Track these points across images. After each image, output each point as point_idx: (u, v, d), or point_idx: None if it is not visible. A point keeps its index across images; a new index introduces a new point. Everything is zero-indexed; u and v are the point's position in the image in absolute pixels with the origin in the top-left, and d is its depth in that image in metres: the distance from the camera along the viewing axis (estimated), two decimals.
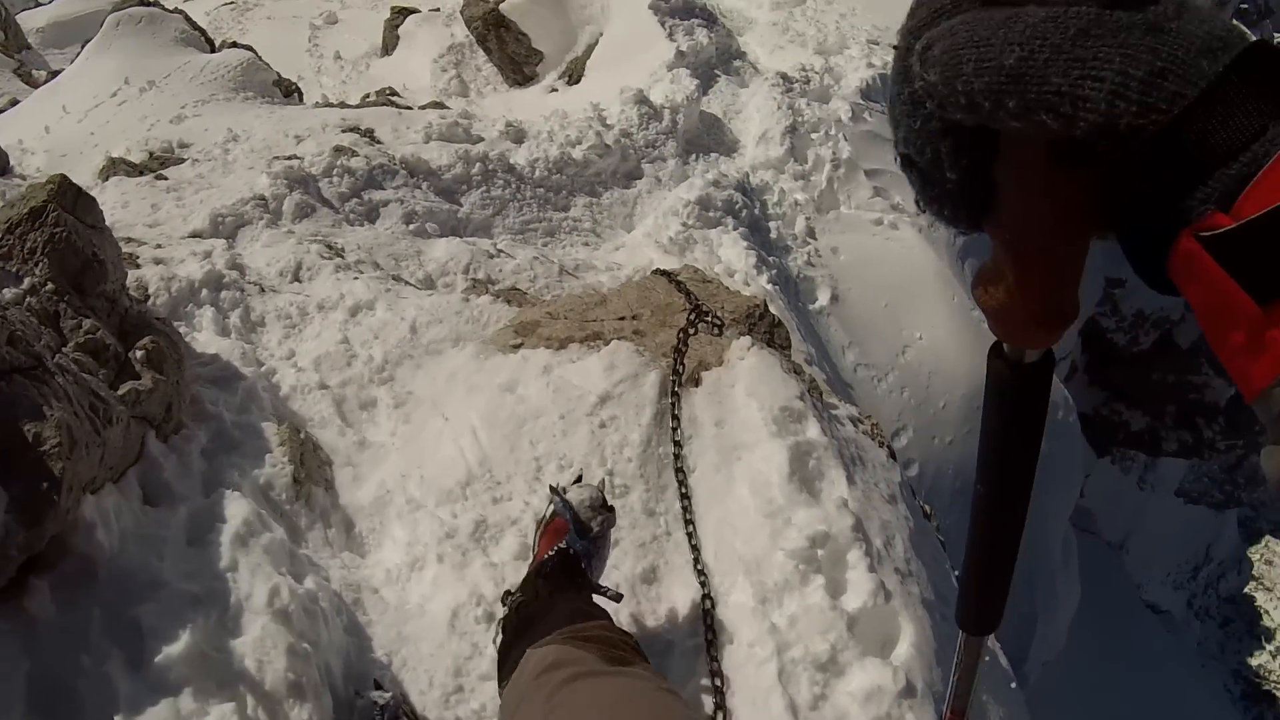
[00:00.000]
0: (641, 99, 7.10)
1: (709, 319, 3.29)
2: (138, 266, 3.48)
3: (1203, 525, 20.46)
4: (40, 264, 2.43)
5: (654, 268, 4.00)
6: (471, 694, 2.40)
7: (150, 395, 2.48)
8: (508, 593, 2.44)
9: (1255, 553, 20.07)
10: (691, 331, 3.22)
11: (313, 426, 3.08)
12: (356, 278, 3.81)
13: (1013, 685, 3.46)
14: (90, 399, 2.22)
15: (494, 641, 2.34)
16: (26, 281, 2.42)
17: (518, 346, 3.30)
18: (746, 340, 3.18)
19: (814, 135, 7.60)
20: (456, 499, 2.76)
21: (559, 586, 2.19)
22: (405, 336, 3.46)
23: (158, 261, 3.58)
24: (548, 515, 2.59)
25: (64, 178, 2.60)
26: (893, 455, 3.67)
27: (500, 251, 4.93)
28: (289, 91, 7.46)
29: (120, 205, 4.62)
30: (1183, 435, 19.32)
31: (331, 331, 3.46)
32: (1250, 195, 0.51)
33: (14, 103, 7.85)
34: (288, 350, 3.39)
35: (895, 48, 0.64)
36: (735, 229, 6.07)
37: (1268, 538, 20.52)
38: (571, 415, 2.93)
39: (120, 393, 2.40)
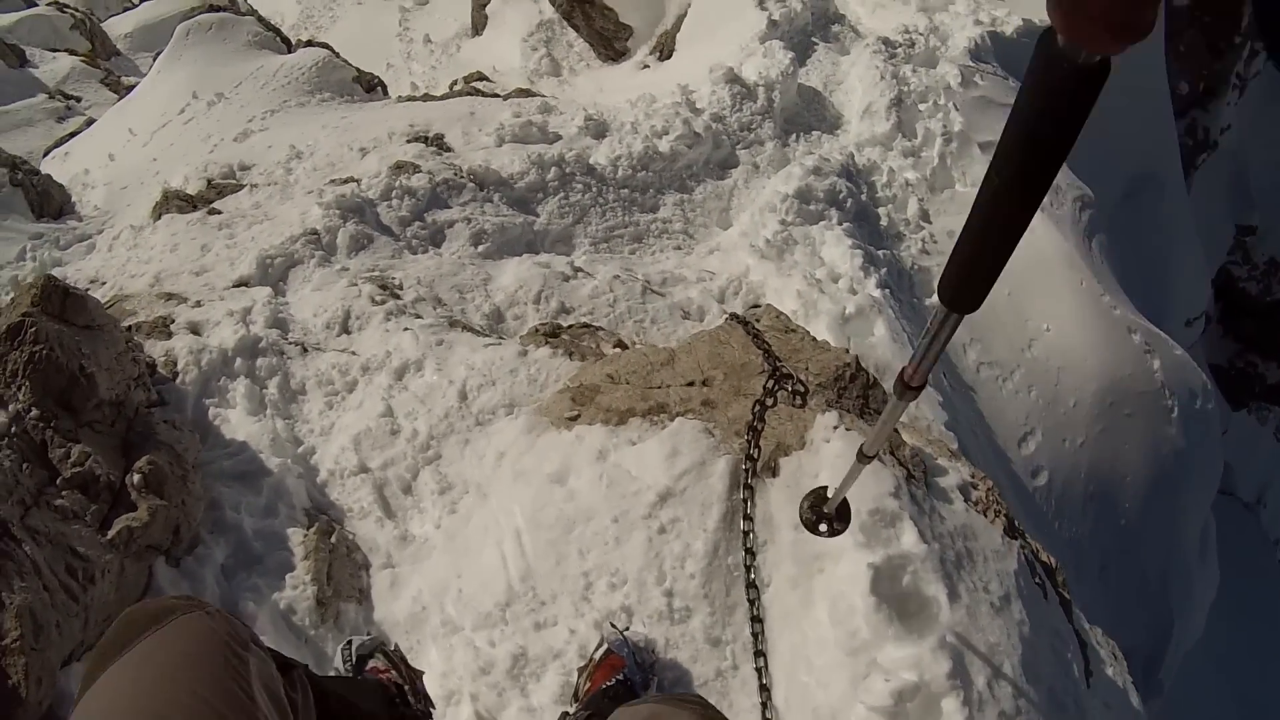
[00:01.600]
0: (732, 77, 6.62)
1: (790, 386, 2.88)
2: (169, 336, 3.25)
3: None
4: (23, 388, 2.18)
5: (730, 311, 3.59)
6: None
7: (147, 529, 2.22)
8: (564, 714, 2.21)
9: None
10: (769, 403, 2.83)
11: (351, 518, 2.81)
12: (407, 329, 3.51)
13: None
14: (67, 560, 1.96)
15: None
16: (11, 408, 2.18)
17: (574, 419, 2.96)
18: (832, 417, 2.77)
19: (922, 106, 7.02)
20: (495, 623, 2.45)
21: None
22: (453, 405, 3.15)
23: (192, 329, 3.34)
24: (601, 652, 2.29)
25: (48, 280, 2.35)
26: (1010, 530, 3.22)
27: (578, 271, 4.58)
28: (370, 87, 7.19)
29: (169, 249, 4.44)
30: None
31: (374, 400, 3.18)
32: None
33: (90, 122, 7.77)
34: (328, 423, 3.12)
35: None
36: (839, 223, 5.60)
37: None
38: (626, 518, 2.58)
39: (111, 534, 2.14)
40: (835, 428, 2.74)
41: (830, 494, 2.36)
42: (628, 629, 2.39)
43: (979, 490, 3.32)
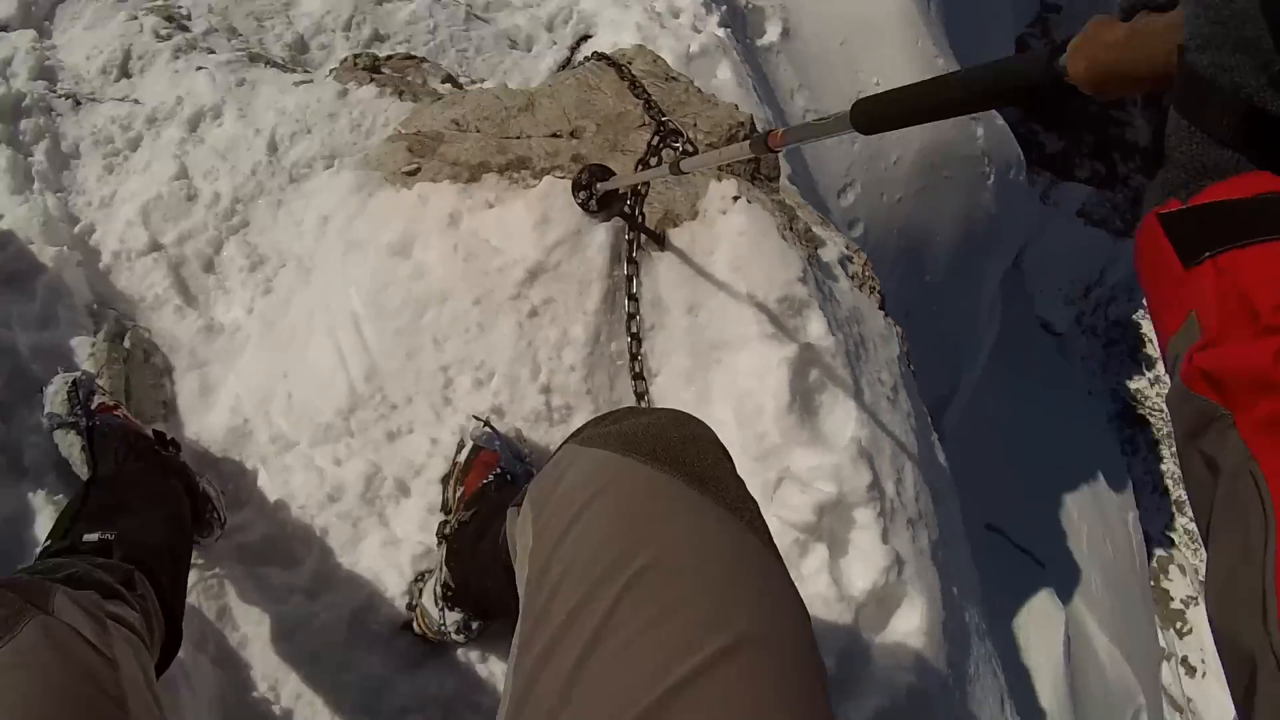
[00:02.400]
0: None
1: (678, 144, 2.42)
2: None
3: (1100, 249, 20.72)
4: None
5: (594, 50, 3.04)
6: None
7: None
8: (443, 524, 1.91)
9: None
10: (654, 163, 2.37)
11: (144, 310, 2.21)
12: (200, 69, 2.78)
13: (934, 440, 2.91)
14: None
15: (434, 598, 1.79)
16: None
17: (414, 173, 2.41)
18: (731, 184, 2.34)
19: None
20: (339, 436, 1.98)
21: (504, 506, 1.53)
22: (261, 160, 2.53)
23: None
24: (467, 453, 1.90)
25: None
26: (884, 305, 2.97)
27: None
28: None
29: None
30: (1096, 165, 19.06)
31: (165, 160, 2.50)
32: (1202, 195, 0.73)
33: None
34: (109, 192, 2.45)
35: None
36: None
37: None
38: (490, 300, 2.11)
39: None
40: (735, 198, 2.33)
41: (612, 178, 2.16)
42: (489, 418, 2.00)
43: (855, 264, 3.03)
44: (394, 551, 1.89)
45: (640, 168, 2.34)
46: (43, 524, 1.75)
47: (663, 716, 0.75)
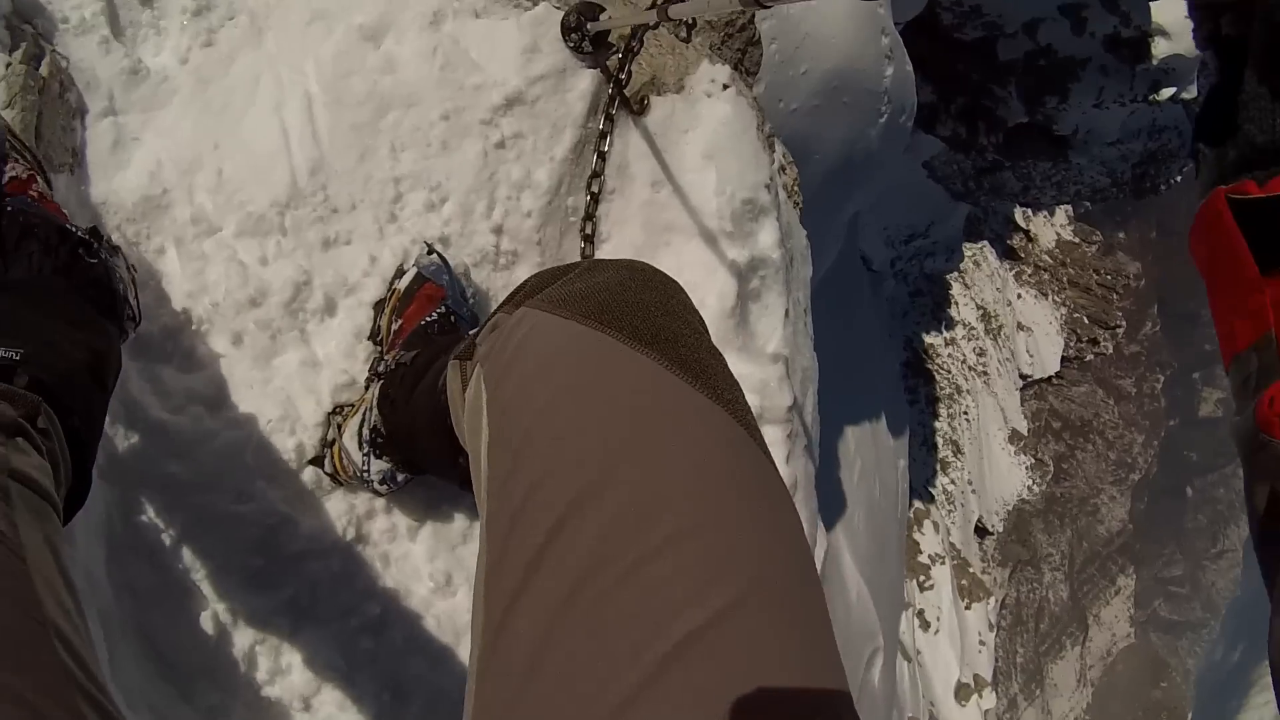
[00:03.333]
0: None
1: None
2: None
3: (935, 204, 21.55)
4: None
5: None
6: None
7: None
8: (377, 359, 1.74)
9: (970, 250, 21.45)
10: (651, 25, 2.22)
11: (65, 35, 1.83)
12: None
13: None
14: None
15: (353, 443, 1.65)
16: None
17: None
18: (724, 71, 2.23)
19: None
20: (270, 231, 1.76)
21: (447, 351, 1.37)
22: None
23: None
24: (408, 280, 1.76)
25: None
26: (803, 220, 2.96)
27: None
28: None
29: None
30: (959, 128, 19.68)
31: None
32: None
33: None
34: None
35: None
36: None
37: (985, 243, 21.91)
38: (460, 118, 1.94)
39: None
40: (725, 86, 2.23)
41: (603, 17, 2.02)
42: (438, 249, 1.86)
43: (788, 175, 3.00)
44: (312, 374, 1.72)
45: (633, 33, 2.19)
46: None
47: (668, 674, 0.66)
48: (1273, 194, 0.62)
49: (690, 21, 2.29)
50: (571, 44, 2.08)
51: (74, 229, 1.38)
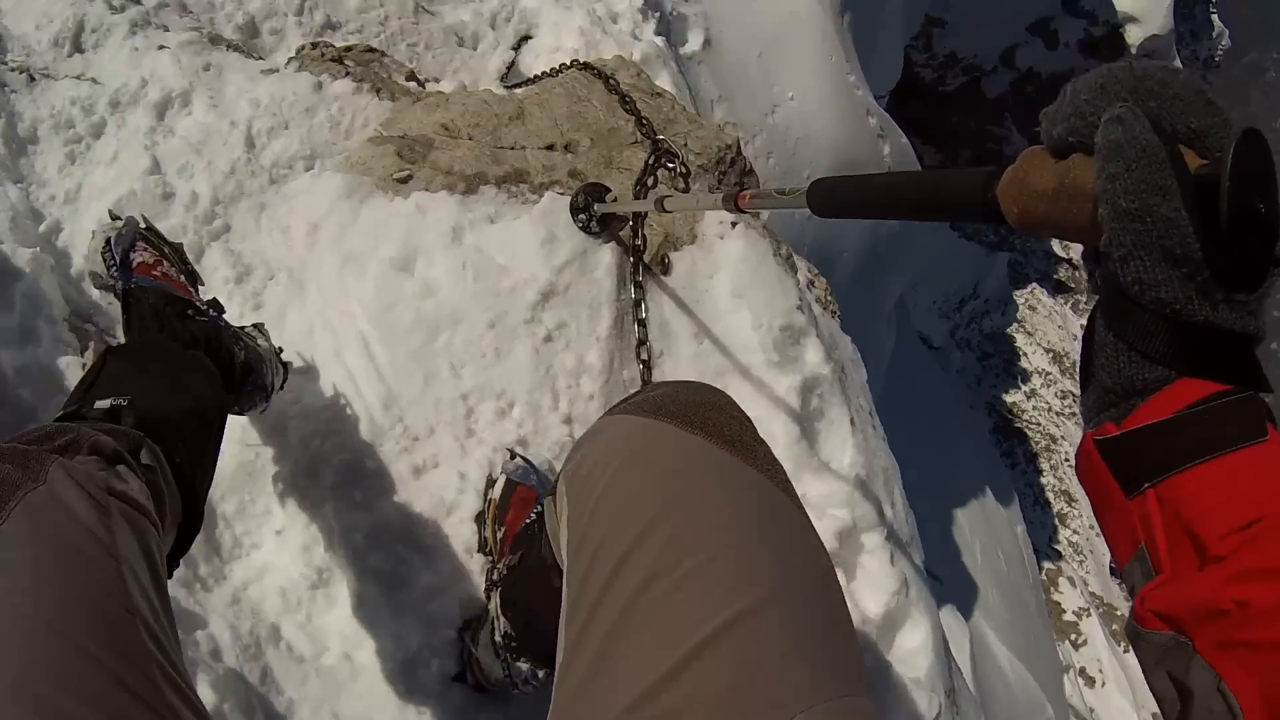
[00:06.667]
0: None
1: (675, 165, 2.41)
2: None
3: (974, 262, 21.45)
4: None
5: (575, 57, 2.99)
6: None
7: None
8: (491, 568, 1.82)
9: (1020, 297, 21.26)
10: (650, 184, 2.36)
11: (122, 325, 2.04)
12: (163, 48, 2.62)
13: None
14: None
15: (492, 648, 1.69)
16: None
17: (406, 180, 2.33)
18: (729, 215, 2.35)
19: None
20: (363, 475, 1.88)
21: None
22: (240, 157, 2.39)
23: None
24: (501, 489, 1.84)
25: None
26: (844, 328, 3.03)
27: None
28: None
29: None
30: None
31: (134, 151, 2.33)
32: (1133, 416, 0.72)
33: None
34: (73, 185, 2.26)
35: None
36: None
37: (1034, 285, 21.74)
38: (505, 323, 2.06)
39: None
40: (734, 224, 2.34)
41: (609, 198, 2.19)
42: (519, 452, 1.95)
43: (818, 288, 3.09)
44: (439, 598, 1.80)
45: (638, 189, 2.32)
46: None
47: (678, 680, 0.80)
48: (1126, 430, 0.73)
49: (685, 170, 2.43)
50: (581, 224, 2.21)
51: (181, 296, 1.60)
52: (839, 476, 2.15)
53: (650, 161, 2.39)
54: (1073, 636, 14.97)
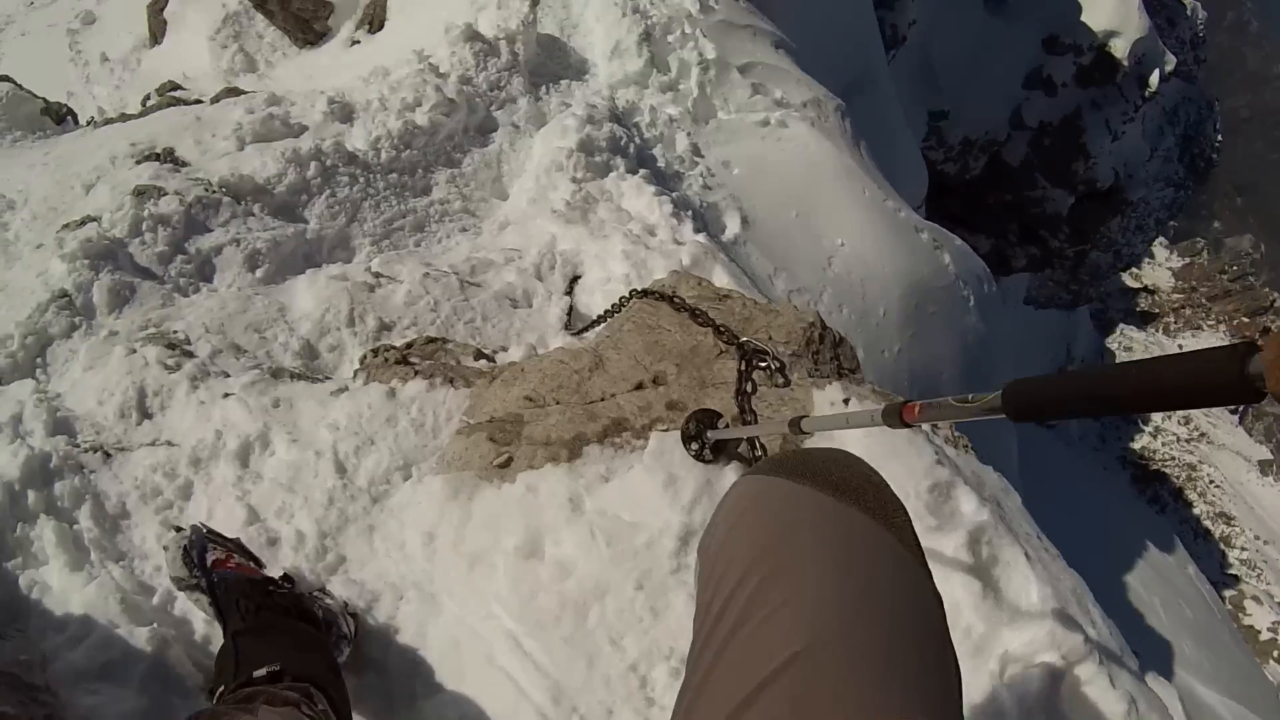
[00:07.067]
0: (471, 34, 5.90)
1: (766, 363, 2.34)
2: None
3: (1058, 327, 21.10)
4: None
5: (631, 286, 2.99)
6: None
7: None
8: None
9: (1113, 342, 20.81)
10: (750, 390, 2.28)
11: None
12: (228, 395, 2.67)
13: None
14: None
15: None
16: None
17: (507, 465, 2.28)
18: (837, 389, 2.26)
19: (670, 38, 6.60)
20: None
21: None
22: (334, 485, 2.38)
23: None
24: None
25: None
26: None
27: (379, 277, 3.81)
28: (60, 117, 5.99)
29: None
30: (1030, 250, 19.64)
31: (227, 504, 2.35)
32: None
33: None
34: None
35: None
36: (634, 172, 5.09)
37: (1121, 325, 21.30)
38: (651, 580, 1.96)
39: None
40: (846, 401, 2.24)
41: (722, 424, 2.12)
42: None
43: (942, 427, 2.94)
44: None
45: (739, 398, 2.25)
46: None
47: (764, 690, 0.85)
48: None
49: (779, 363, 2.35)
50: (695, 453, 2.13)
51: (259, 579, 1.90)
52: (1032, 617, 1.97)
53: (743, 368, 2.32)
54: (1275, 654, 13.99)
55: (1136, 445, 19.27)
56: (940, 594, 1.05)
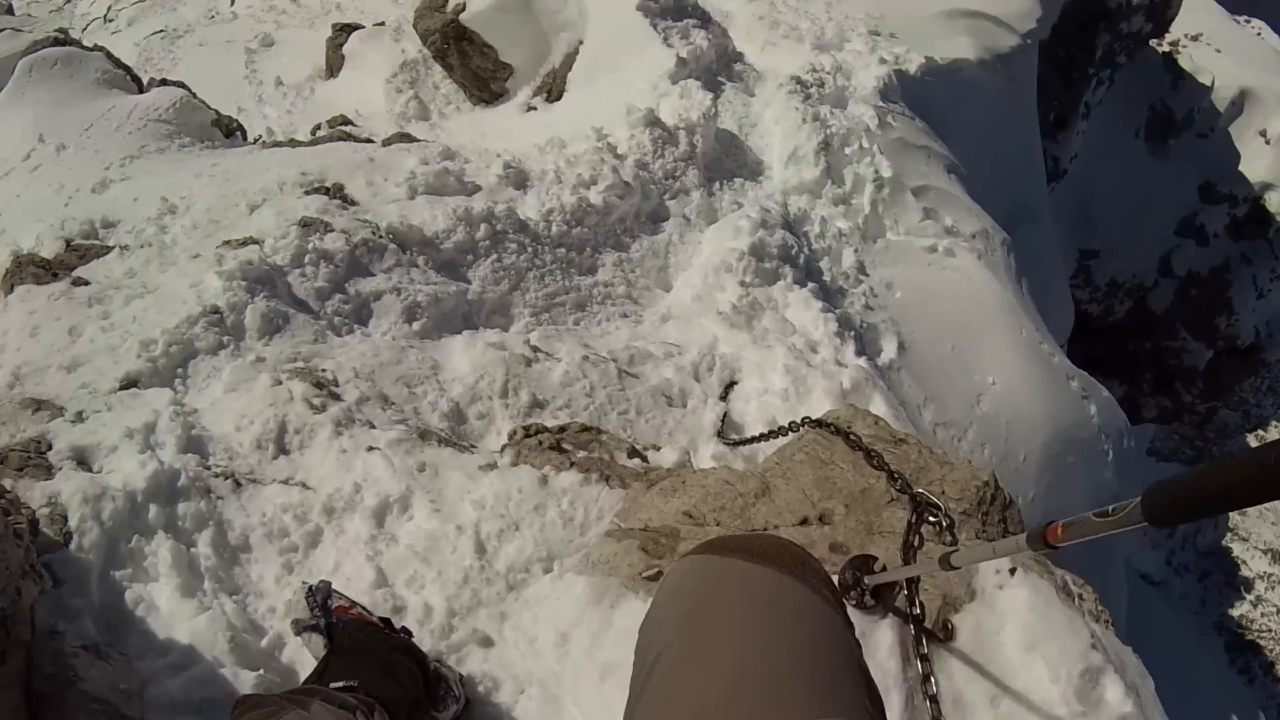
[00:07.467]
0: (653, 120, 5.97)
1: (936, 517, 2.24)
2: (49, 473, 2.34)
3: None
4: None
5: (805, 416, 2.91)
6: None
7: None
8: None
9: None
10: (916, 544, 2.18)
11: None
12: (373, 449, 2.68)
13: None
14: None
15: None
16: None
17: (654, 578, 2.22)
18: (1005, 559, 2.15)
19: (847, 150, 6.54)
20: None
21: None
22: (472, 564, 2.36)
23: (79, 459, 2.43)
24: None
25: None
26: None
27: (537, 350, 3.81)
28: (230, 131, 6.24)
29: (29, 333, 3.42)
30: (1162, 401, 18.95)
31: (356, 560, 2.34)
32: None
33: None
34: (293, 596, 2.27)
35: None
36: (801, 284, 5.01)
37: None
38: None
39: None
40: (1012, 570, 2.13)
41: (878, 568, 2.05)
42: None
43: (1088, 600, 2.77)
44: None
45: (905, 551, 2.15)
46: None
47: None
48: None
49: (950, 520, 2.25)
50: (854, 601, 2.04)
51: (377, 622, 2.03)
52: None
53: (913, 520, 2.23)
54: None
55: (1235, 612, 18.38)
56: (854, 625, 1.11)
